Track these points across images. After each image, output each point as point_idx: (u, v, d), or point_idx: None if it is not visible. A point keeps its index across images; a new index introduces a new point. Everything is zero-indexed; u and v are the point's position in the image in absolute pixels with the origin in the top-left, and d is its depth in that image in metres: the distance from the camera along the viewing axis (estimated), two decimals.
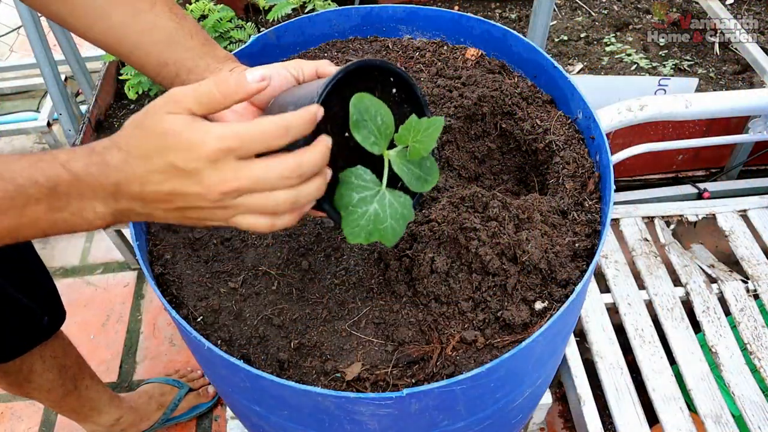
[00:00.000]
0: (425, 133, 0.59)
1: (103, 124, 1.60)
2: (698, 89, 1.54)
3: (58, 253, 1.88)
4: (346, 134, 0.59)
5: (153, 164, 0.50)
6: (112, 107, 1.66)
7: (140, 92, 1.56)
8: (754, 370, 1.24)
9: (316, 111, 0.52)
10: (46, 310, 1.05)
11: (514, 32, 0.99)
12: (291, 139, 0.51)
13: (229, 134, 0.49)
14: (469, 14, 1.05)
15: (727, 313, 1.33)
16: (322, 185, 0.54)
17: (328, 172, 0.55)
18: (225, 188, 0.50)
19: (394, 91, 0.63)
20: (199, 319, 0.77)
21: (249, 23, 1.58)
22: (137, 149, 0.51)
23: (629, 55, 1.74)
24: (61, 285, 1.79)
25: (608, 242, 1.47)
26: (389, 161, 0.59)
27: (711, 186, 1.71)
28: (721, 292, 1.36)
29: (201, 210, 0.53)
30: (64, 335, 1.15)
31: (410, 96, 0.65)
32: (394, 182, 0.61)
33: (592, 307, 1.35)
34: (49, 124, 1.98)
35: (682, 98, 1.30)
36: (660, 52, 1.78)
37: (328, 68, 0.66)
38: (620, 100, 1.31)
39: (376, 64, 0.60)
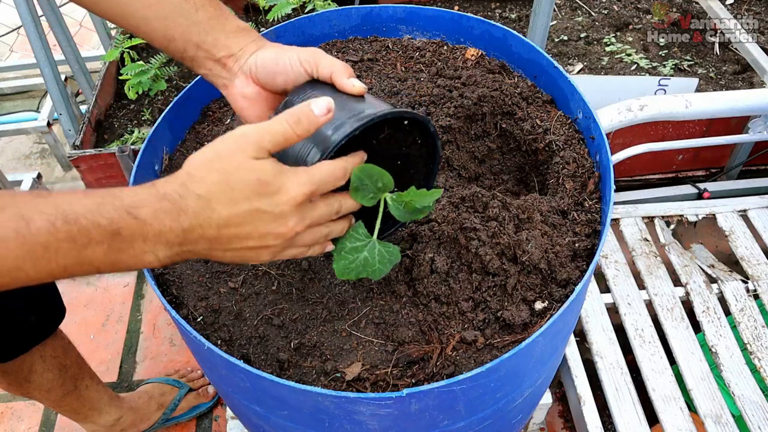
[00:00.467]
0: (422, 199, 0.63)
1: (103, 124, 1.60)
2: (698, 89, 1.54)
3: None
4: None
5: (238, 209, 0.53)
6: (112, 107, 1.66)
7: (140, 92, 1.56)
8: (754, 370, 1.24)
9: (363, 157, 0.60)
10: (34, 310, 1.02)
11: (514, 32, 0.99)
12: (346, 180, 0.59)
13: (310, 181, 0.55)
14: (469, 14, 1.05)
15: (727, 313, 1.33)
16: (346, 226, 0.63)
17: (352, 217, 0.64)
18: (301, 227, 0.56)
19: (409, 130, 0.66)
20: (199, 319, 0.77)
21: (249, 23, 1.58)
22: (222, 195, 0.52)
23: (629, 55, 1.74)
24: (61, 285, 1.77)
25: (608, 242, 1.47)
26: (384, 200, 0.64)
27: (711, 186, 1.71)
28: (721, 292, 1.36)
29: (270, 248, 0.56)
30: (64, 335, 1.15)
31: (425, 138, 0.68)
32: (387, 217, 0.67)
33: (592, 307, 1.35)
34: (49, 124, 1.98)
35: (682, 98, 1.30)
36: (660, 52, 1.78)
37: (342, 80, 0.64)
38: (620, 100, 1.31)
39: (397, 116, 0.62)
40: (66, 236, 0.48)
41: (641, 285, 1.38)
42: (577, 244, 0.79)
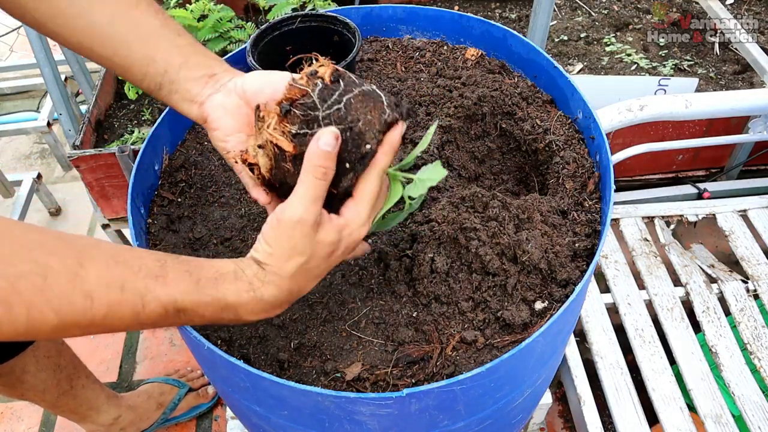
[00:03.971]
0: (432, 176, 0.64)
1: (103, 124, 1.60)
2: (698, 89, 1.54)
3: None
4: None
5: (321, 276, 0.63)
6: (112, 107, 1.65)
7: (140, 92, 1.56)
8: (754, 370, 1.24)
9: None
10: None
11: (514, 32, 0.99)
12: None
13: (368, 220, 0.62)
14: (469, 14, 1.05)
15: (727, 313, 1.33)
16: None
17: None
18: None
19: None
20: None
21: (249, 23, 1.58)
22: (307, 283, 0.62)
23: (629, 55, 1.74)
24: None
25: (608, 242, 1.47)
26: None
27: (711, 186, 1.71)
28: (721, 292, 1.36)
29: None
30: None
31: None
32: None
33: (592, 307, 1.35)
34: (49, 124, 1.98)
35: (682, 98, 1.30)
36: (660, 52, 1.78)
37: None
38: (620, 100, 1.31)
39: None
40: (174, 318, 0.56)
41: (641, 285, 1.38)
42: (577, 244, 0.79)
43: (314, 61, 0.60)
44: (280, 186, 0.62)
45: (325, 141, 0.55)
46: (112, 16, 0.66)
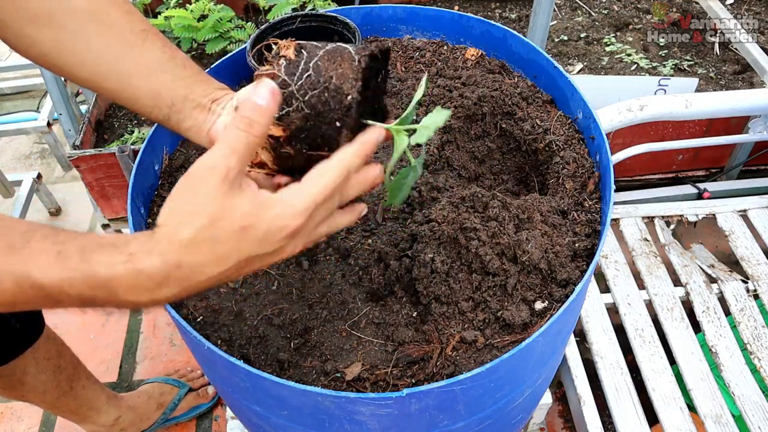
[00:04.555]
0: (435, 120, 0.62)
1: (103, 124, 1.60)
2: (698, 89, 1.54)
3: None
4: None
5: (229, 263, 0.50)
6: (112, 107, 1.65)
7: None
8: (754, 370, 1.24)
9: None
10: (16, 315, 0.99)
11: (514, 32, 0.99)
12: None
13: (305, 210, 0.50)
14: (469, 14, 1.05)
15: (727, 313, 1.33)
16: (353, 218, 0.60)
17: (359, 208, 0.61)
18: (301, 245, 0.54)
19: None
20: (199, 319, 0.77)
21: (249, 23, 1.58)
22: (208, 257, 0.49)
23: (629, 55, 1.74)
24: None
25: (608, 242, 1.47)
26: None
27: (711, 186, 1.71)
28: (721, 292, 1.36)
29: (273, 261, 0.54)
30: (57, 336, 1.14)
31: None
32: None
33: (592, 307, 1.35)
34: (49, 124, 1.98)
35: (682, 98, 1.30)
36: (660, 52, 1.78)
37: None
38: (620, 100, 1.31)
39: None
40: (33, 297, 0.47)
41: (641, 285, 1.38)
42: (577, 244, 0.79)
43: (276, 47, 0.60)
44: (293, 173, 0.62)
45: (257, 93, 0.50)
46: (120, 52, 0.65)
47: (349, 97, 0.57)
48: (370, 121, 0.60)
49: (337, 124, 0.57)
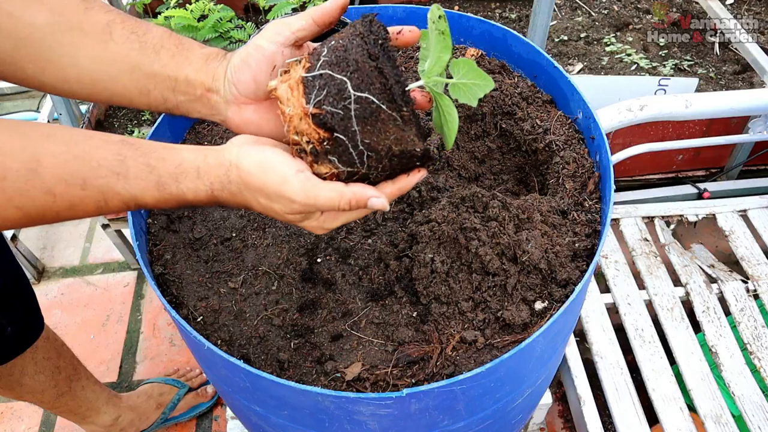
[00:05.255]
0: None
1: (103, 124, 1.60)
2: (698, 89, 1.54)
3: (57, 253, 1.88)
4: None
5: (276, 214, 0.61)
6: (111, 107, 1.65)
7: None
8: (754, 370, 1.24)
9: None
10: (10, 320, 0.97)
11: (514, 32, 0.99)
12: None
13: (300, 209, 0.60)
14: (469, 14, 1.05)
15: (727, 313, 1.33)
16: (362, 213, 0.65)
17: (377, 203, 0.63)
18: (324, 228, 0.64)
19: None
20: (199, 319, 0.77)
21: (249, 23, 1.58)
22: (255, 205, 0.61)
23: (629, 55, 1.74)
24: (61, 285, 1.79)
25: (608, 242, 1.47)
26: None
27: (711, 186, 1.71)
28: (721, 292, 1.36)
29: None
30: (57, 336, 1.14)
31: None
32: None
33: (592, 307, 1.35)
34: None
35: (682, 98, 1.30)
36: (660, 52, 1.78)
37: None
38: (620, 100, 1.31)
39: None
40: (136, 207, 0.59)
41: (641, 285, 1.38)
42: (577, 244, 0.79)
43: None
44: (356, 178, 0.61)
45: (378, 202, 0.59)
46: (94, 58, 0.63)
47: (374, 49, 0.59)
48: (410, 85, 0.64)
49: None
